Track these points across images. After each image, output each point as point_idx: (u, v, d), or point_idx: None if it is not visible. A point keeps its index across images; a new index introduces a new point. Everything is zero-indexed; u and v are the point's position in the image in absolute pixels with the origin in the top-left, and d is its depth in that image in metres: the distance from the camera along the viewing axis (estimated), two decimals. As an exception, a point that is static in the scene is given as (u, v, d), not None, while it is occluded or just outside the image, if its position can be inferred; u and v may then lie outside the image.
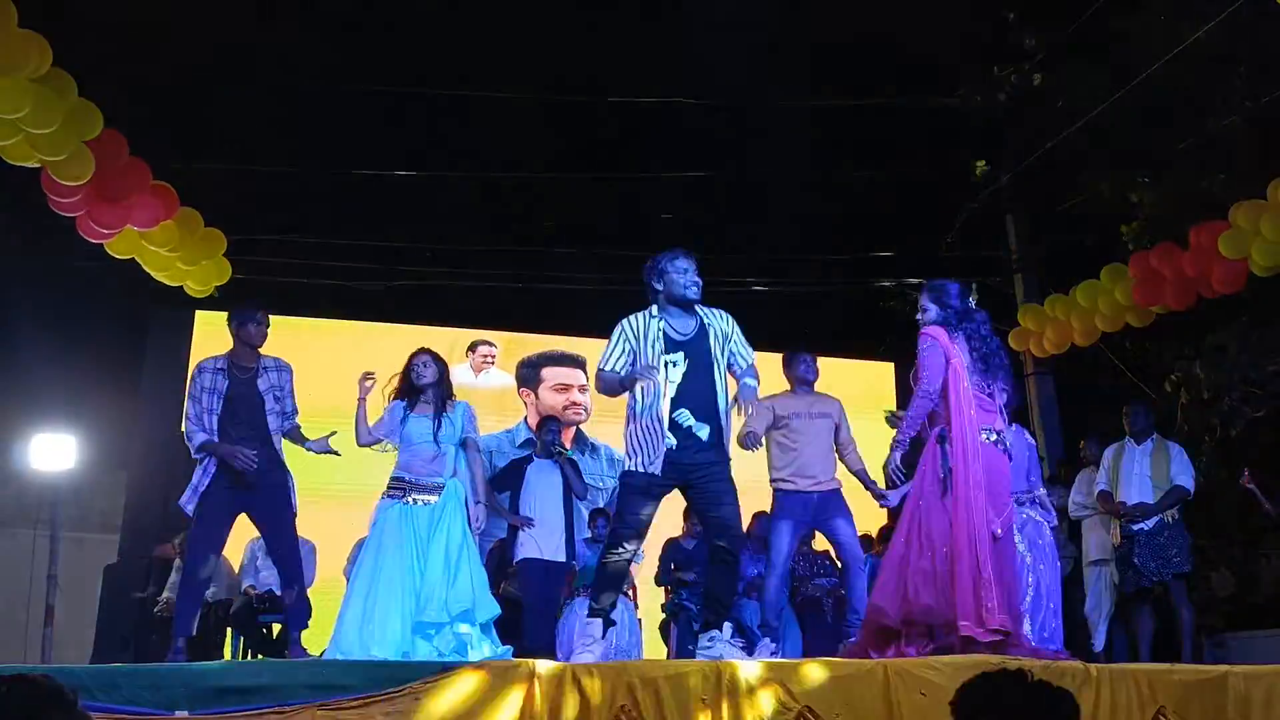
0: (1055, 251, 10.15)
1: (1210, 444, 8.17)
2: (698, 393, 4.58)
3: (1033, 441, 6.38)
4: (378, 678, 3.43)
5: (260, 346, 5.27)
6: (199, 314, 9.31)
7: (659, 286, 4.68)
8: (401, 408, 5.24)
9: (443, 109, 10.09)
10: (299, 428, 5.35)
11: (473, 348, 10.03)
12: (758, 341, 4.94)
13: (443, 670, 3.48)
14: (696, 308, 4.72)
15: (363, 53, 9.77)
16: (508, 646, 5.12)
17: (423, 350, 5.30)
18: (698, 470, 4.56)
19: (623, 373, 4.63)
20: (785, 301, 10.45)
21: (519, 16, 9.59)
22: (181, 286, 8.15)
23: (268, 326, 5.29)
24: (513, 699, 3.41)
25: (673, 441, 4.52)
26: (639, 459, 4.56)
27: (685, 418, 4.56)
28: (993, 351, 4.76)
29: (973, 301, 4.92)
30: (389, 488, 5.20)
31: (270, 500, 5.16)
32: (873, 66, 9.84)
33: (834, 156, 10.35)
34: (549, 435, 7.06)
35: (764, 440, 5.84)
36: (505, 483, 6.98)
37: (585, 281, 9.99)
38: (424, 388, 5.22)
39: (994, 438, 4.64)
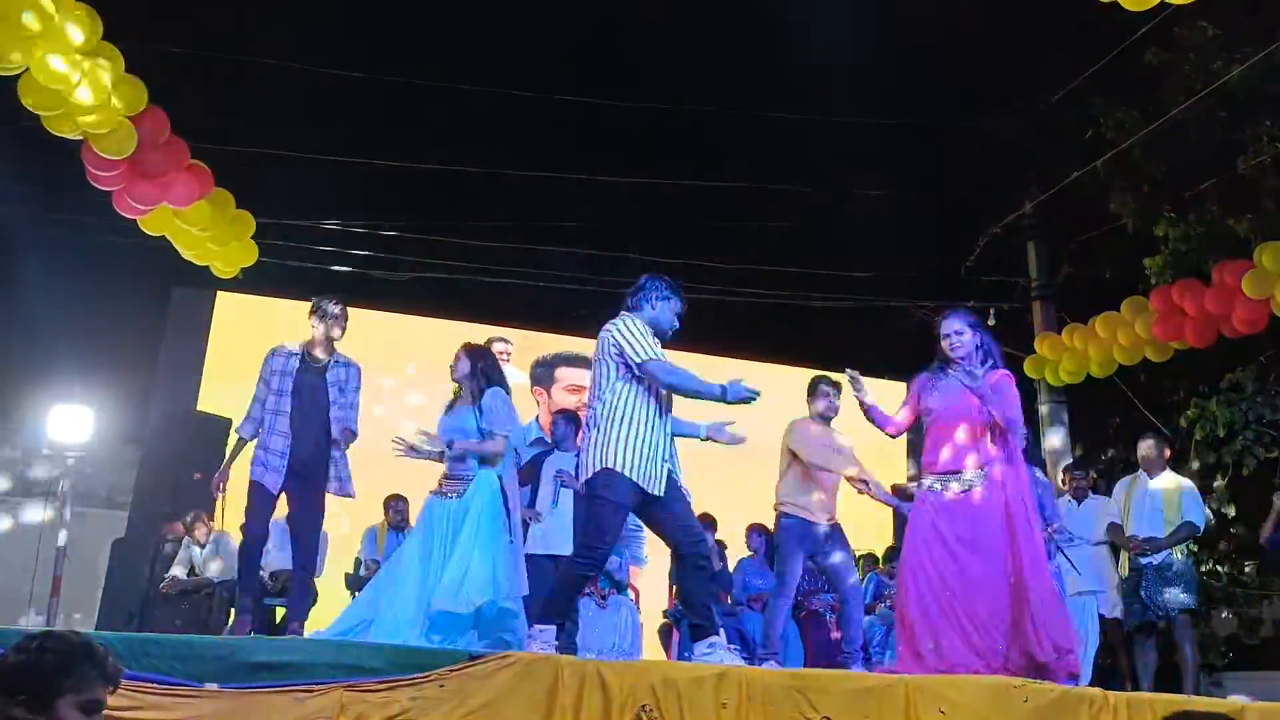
0: (1075, 281, 10.17)
1: (1222, 482, 8.19)
2: None
3: None
4: (404, 662, 3.43)
5: (337, 339, 5.31)
6: (220, 294, 9.35)
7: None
8: (450, 406, 5.24)
9: (464, 104, 10.12)
10: (352, 432, 5.22)
11: (488, 344, 10.02)
12: (774, 356, 4.84)
13: (470, 659, 3.49)
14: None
15: (398, 44, 9.81)
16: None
17: (461, 346, 5.30)
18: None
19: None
20: (799, 318, 10.44)
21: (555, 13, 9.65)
22: (207, 267, 8.17)
23: (344, 320, 5.31)
24: (537, 691, 3.42)
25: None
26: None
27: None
28: None
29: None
30: None
31: (306, 487, 5.18)
32: (899, 90, 9.87)
33: (858, 176, 10.36)
34: (560, 431, 6.97)
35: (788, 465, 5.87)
36: (524, 477, 6.80)
37: (600, 283, 10.00)
38: (459, 382, 5.24)
39: None
